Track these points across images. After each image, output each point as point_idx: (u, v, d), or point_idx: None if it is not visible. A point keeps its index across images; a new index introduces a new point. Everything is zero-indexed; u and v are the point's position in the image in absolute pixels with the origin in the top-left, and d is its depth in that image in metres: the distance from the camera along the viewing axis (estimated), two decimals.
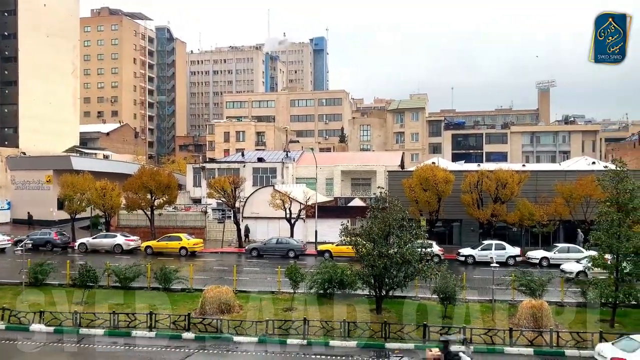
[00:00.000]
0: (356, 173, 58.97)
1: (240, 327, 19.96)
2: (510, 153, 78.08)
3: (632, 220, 20.35)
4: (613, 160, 24.38)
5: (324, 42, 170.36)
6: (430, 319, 20.58)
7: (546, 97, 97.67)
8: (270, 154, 65.84)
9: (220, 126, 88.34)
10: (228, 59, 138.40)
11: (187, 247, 38.35)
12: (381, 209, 22.13)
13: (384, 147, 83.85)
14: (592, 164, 50.22)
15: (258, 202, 44.53)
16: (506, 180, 37.43)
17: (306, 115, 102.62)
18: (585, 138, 77.77)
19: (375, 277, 21.54)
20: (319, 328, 19.75)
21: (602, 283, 20.28)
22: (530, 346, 18.44)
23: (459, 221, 41.81)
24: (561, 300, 23.65)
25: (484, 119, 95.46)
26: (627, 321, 20.56)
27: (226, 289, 22.47)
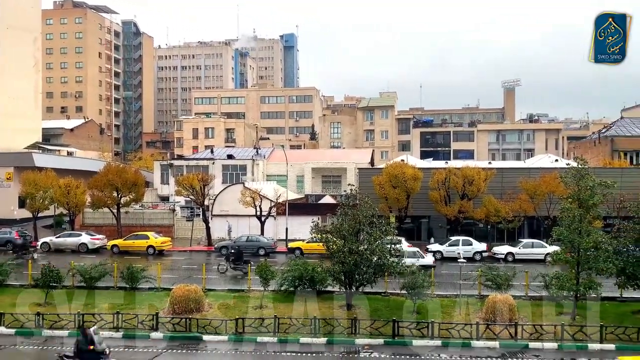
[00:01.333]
0: (327, 170, 59.13)
1: (209, 325, 19.77)
2: (477, 151, 79.69)
3: (592, 216, 21.09)
4: (575, 158, 25.19)
5: (294, 39, 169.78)
6: (399, 314, 20.86)
7: (511, 96, 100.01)
8: (240, 151, 65.36)
9: (189, 122, 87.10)
10: (197, 55, 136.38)
11: (155, 245, 37.73)
12: (351, 206, 22.28)
13: (354, 144, 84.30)
14: (555, 162, 51.73)
15: (228, 199, 44.14)
16: (473, 177, 38.20)
17: (277, 112, 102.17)
18: (548, 136, 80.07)
19: (346, 273, 21.69)
20: (290, 325, 19.75)
21: (563, 277, 20.96)
22: (496, 339, 18.90)
23: (428, 217, 42.46)
24: (525, 294, 24.31)
25: (451, 117, 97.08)
26: (587, 313, 21.28)
27: (195, 288, 22.21)
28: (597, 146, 56.50)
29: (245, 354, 18.16)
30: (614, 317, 20.61)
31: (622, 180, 33.77)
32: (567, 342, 18.66)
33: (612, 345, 18.51)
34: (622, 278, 21.51)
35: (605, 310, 21.43)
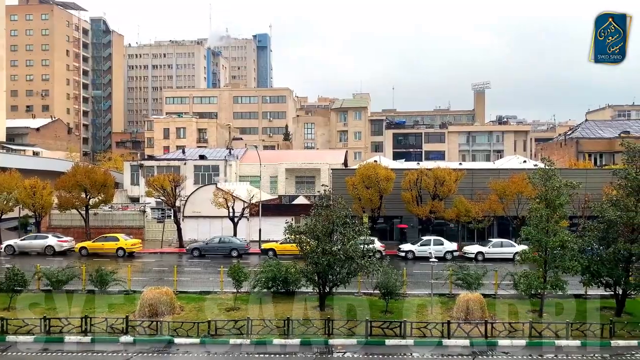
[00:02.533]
0: (300, 171, 59.08)
1: (181, 328, 19.50)
2: (448, 152, 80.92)
3: (559, 216, 21.64)
4: (542, 159, 25.81)
5: (268, 39, 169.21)
6: (372, 314, 21.00)
7: (481, 98, 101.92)
8: (213, 152, 64.71)
9: (160, 122, 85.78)
10: (168, 54, 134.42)
11: (125, 247, 37.05)
12: (325, 207, 22.31)
13: (328, 145, 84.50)
14: (524, 163, 52.95)
15: (200, 200, 43.65)
16: (444, 178, 38.77)
17: (250, 113, 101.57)
18: (517, 138, 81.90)
19: (319, 274, 21.72)
20: (263, 327, 19.65)
21: (531, 275, 21.46)
22: (466, 338, 19.20)
23: (400, 218, 42.88)
24: (495, 293, 24.80)
25: (423, 118, 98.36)
26: (554, 311, 21.85)
27: (166, 290, 21.90)
28: (563, 148, 58.10)
29: (218, 357, 17.97)
30: (579, 314, 21.20)
31: (586, 180, 34.80)
32: (535, 339, 19.09)
33: (577, 341, 19.05)
34: (586, 276, 22.13)
35: (572, 308, 22.02)
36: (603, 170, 43.14)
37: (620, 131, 56.24)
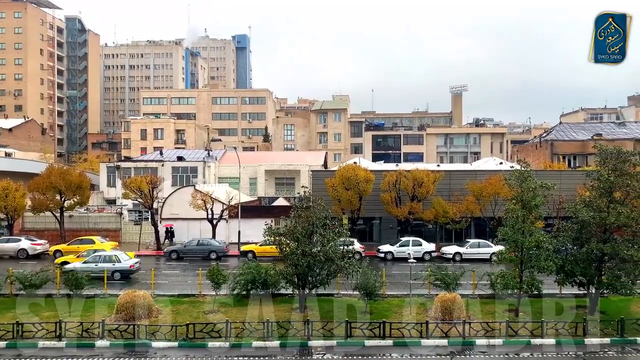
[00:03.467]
0: (280, 172, 58.94)
1: (159, 332, 19.26)
2: (426, 153, 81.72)
3: (534, 217, 22.06)
4: (518, 161, 26.29)
5: (247, 40, 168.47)
6: (352, 315, 21.07)
7: (459, 101, 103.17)
8: (191, 153, 64.13)
9: (137, 123, 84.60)
10: (145, 54, 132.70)
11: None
12: (305, 208, 22.30)
13: (307, 146, 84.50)
14: (500, 164, 53.80)
15: (178, 202, 43.20)
16: (422, 179, 39.14)
17: (229, 114, 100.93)
18: (493, 140, 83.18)
19: (299, 275, 21.70)
20: (242, 329, 19.54)
21: (508, 275, 21.81)
22: (444, 338, 19.42)
23: (379, 219, 43.13)
24: (472, 293, 25.13)
25: (401, 121, 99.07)
26: (530, 310, 22.24)
27: (144, 293, 21.60)
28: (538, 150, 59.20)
29: None
30: (554, 313, 21.62)
31: (561, 182, 35.55)
32: (511, 338, 19.41)
33: (552, 340, 19.43)
34: (561, 275, 22.59)
35: (547, 307, 22.43)
36: (577, 171, 44.11)
37: (593, 134, 57.58)
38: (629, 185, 21.11)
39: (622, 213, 20.76)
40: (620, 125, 62.62)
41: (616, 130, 59.80)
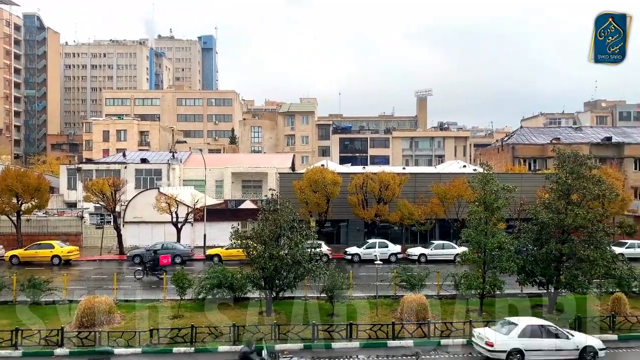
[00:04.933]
0: (247, 175, 58.52)
1: (121, 338, 18.79)
2: (392, 156, 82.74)
3: (497, 218, 22.63)
4: (481, 164, 26.99)
5: (213, 41, 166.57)
6: (319, 317, 21.07)
7: (424, 104, 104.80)
8: (155, 155, 62.98)
9: (99, 124, 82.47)
10: (108, 53, 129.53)
11: (61, 255, 35.34)
12: (272, 211, 22.20)
13: (275, 149, 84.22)
14: (463, 167, 54.96)
15: (141, 205, 42.31)
16: (388, 182, 39.61)
17: (194, 115, 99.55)
18: (457, 143, 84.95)
19: (266, 279, 21.58)
20: (208, 334, 19.28)
21: (471, 276, 22.28)
22: (410, 338, 19.67)
23: (346, 221, 43.37)
24: (437, 293, 25.55)
25: (368, 124, 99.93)
26: (492, 309, 22.76)
27: (105, 299, 21.06)
28: (500, 153, 60.75)
29: None
30: (515, 312, 22.14)
31: (522, 184, 36.59)
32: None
33: None
34: (522, 276, 23.24)
35: (509, 306, 23.01)
36: (537, 174, 45.47)
37: (552, 138, 59.52)
38: (585, 188, 21.90)
39: (579, 215, 21.52)
40: (577, 130, 64.97)
41: (573, 134, 62.01)
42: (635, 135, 60.90)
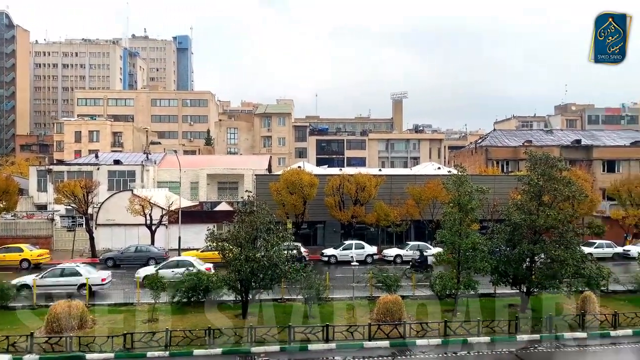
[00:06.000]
0: (223, 177, 58.03)
1: (93, 343, 18.40)
2: (369, 158, 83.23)
3: (470, 219, 22.97)
4: (455, 166, 27.38)
5: (189, 41, 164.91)
6: (295, 319, 21.01)
7: (399, 107, 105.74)
8: (129, 156, 61.96)
9: (71, 125, 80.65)
10: (80, 52, 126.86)
11: (30, 259, 34.45)
12: (249, 213, 22.07)
13: (251, 150, 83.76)
14: (438, 169, 55.62)
15: (114, 207, 41.54)
16: (365, 183, 39.82)
17: (169, 116, 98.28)
18: (432, 145, 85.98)
19: (242, 281, 21.43)
20: (183, 338, 19.04)
21: (446, 276, 22.56)
22: (386, 339, 19.78)
23: (323, 223, 43.41)
24: (413, 294, 25.79)
25: (345, 126, 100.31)
26: (467, 309, 23.06)
27: (77, 303, 20.58)
28: (474, 155, 61.71)
29: None
30: (489, 312, 22.56)
31: (495, 186, 37.15)
32: (450, 338, 20.06)
33: (487, 337, 20.28)
34: (495, 276, 23.64)
35: (483, 306, 23.37)
36: (509, 176, 46.32)
37: (524, 140, 60.75)
38: (556, 189, 22.41)
39: (550, 215, 22.01)
40: (548, 132, 66.48)
41: (544, 137, 63.43)
42: (603, 138, 62.68)
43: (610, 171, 54.77)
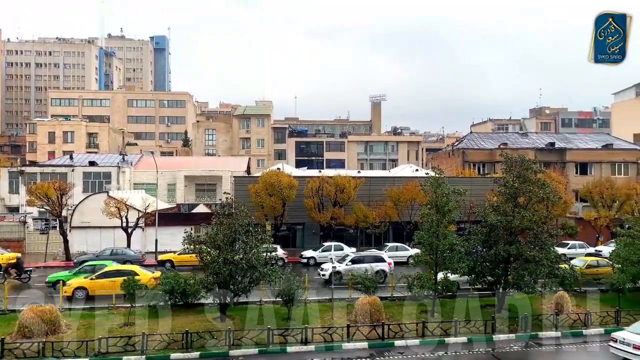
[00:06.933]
0: (201, 178, 57.50)
1: (67, 348, 18.00)
2: (348, 160, 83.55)
3: (448, 221, 23.22)
4: (432, 168, 27.64)
5: (166, 42, 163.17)
6: (273, 322, 20.92)
7: (378, 109, 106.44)
8: (105, 158, 60.97)
9: (44, 125, 78.92)
10: (54, 52, 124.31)
11: (1, 262, 33.44)
12: (227, 215, 21.91)
13: (230, 152, 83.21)
14: (416, 171, 56.12)
15: (90, 210, 40.81)
16: (344, 185, 39.93)
17: (146, 117, 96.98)
18: (410, 148, 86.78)
19: (220, 284, 21.24)
20: (160, 342, 18.77)
21: (424, 277, 22.75)
22: (365, 340, 19.85)
23: (302, 225, 43.35)
24: (391, 295, 25.93)
25: (324, 128, 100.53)
26: (444, 310, 23.33)
27: (50, 307, 20.11)
28: (451, 157, 62.42)
29: None
30: (466, 312, 22.81)
31: (471, 188, 37.62)
32: (428, 338, 20.24)
33: (464, 338, 20.52)
34: (472, 276, 23.94)
35: (460, 306, 23.60)
36: (485, 178, 46.95)
37: (500, 143, 61.67)
38: (531, 191, 22.82)
39: (525, 217, 22.40)
40: (523, 135, 67.65)
41: (520, 140, 64.52)
42: (576, 141, 64.09)
43: (583, 173, 55.99)
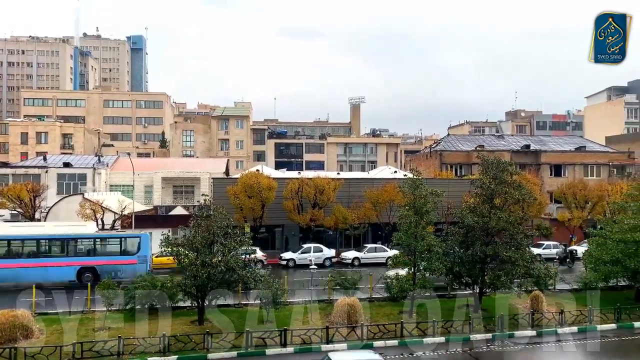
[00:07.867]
0: (178, 180, 56.85)
1: (40, 354, 17.58)
2: (327, 162, 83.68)
3: (426, 222, 23.46)
4: (411, 170, 27.86)
5: (143, 42, 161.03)
6: (252, 324, 20.83)
7: (357, 111, 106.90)
8: (80, 159, 59.83)
9: (17, 126, 77.07)
10: (27, 50, 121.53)
11: None
12: (205, 217, 21.72)
13: (208, 153, 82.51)
14: (395, 173, 56.55)
15: (64, 212, 39.95)
16: (323, 187, 39.99)
17: (122, 118, 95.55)
18: (389, 150, 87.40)
19: (198, 287, 21.03)
20: (137, 345, 18.49)
21: (402, 278, 22.92)
22: (344, 342, 19.89)
23: (282, 226, 43.23)
24: (370, 296, 26.04)
25: (304, 129, 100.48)
26: (422, 310, 23.52)
27: (22, 312, 19.65)
28: (428, 159, 63.05)
29: None
30: (444, 313, 23.03)
31: (449, 189, 38.03)
32: (406, 339, 20.38)
33: (442, 338, 20.74)
34: (450, 277, 24.22)
35: (438, 307, 23.76)
36: (463, 180, 47.55)
37: (476, 145, 62.56)
38: (507, 193, 23.21)
39: (502, 218, 22.77)
40: (499, 137, 68.75)
41: (496, 142, 65.55)
42: (550, 143, 65.42)
43: (557, 175, 57.12)
